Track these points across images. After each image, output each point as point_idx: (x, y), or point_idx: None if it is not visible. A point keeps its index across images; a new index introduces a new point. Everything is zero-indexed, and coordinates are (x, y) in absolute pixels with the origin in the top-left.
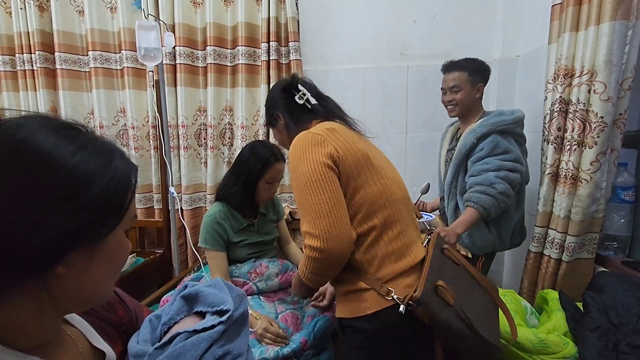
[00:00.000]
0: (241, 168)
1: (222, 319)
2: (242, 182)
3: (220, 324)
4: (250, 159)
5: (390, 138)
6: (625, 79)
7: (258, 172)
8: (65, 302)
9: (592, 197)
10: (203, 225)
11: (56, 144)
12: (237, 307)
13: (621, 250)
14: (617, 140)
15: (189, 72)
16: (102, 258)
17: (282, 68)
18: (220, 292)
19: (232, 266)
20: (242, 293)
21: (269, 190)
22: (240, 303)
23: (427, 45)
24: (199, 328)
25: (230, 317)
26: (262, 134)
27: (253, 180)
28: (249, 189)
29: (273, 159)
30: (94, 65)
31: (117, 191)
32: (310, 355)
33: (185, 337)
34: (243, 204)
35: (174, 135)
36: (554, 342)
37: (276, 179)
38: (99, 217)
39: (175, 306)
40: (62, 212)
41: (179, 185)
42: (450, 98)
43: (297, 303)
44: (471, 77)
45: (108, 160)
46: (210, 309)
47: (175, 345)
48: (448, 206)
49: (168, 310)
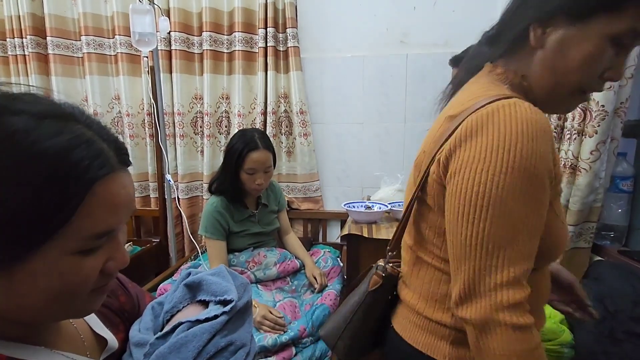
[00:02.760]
0: (225, 160)
1: (226, 309)
2: (228, 175)
3: (224, 314)
4: (230, 151)
5: (388, 128)
6: (628, 66)
7: (235, 163)
8: (7, 312)
9: (591, 187)
10: (204, 214)
11: None
12: (241, 296)
13: (617, 240)
14: (618, 130)
15: (184, 59)
16: (27, 282)
17: (280, 55)
18: (224, 281)
19: (231, 255)
20: (246, 282)
21: (254, 181)
22: (244, 292)
23: (427, 33)
24: (201, 318)
25: (234, 307)
26: (259, 123)
27: (233, 172)
28: (235, 181)
29: (247, 149)
30: (87, 50)
31: (39, 195)
32: (308, 342)
33: (188, 326)
34: (235, 196)
35: (169, 123)
36: (550, 330)
37: (256, 169)
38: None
39: (178, 294)
40: None
41: (175, 174)
42: None
43: (295, 292)
44: None
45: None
46: (214, 298)
47: (177, 335)
48: None
49: (171, 298)
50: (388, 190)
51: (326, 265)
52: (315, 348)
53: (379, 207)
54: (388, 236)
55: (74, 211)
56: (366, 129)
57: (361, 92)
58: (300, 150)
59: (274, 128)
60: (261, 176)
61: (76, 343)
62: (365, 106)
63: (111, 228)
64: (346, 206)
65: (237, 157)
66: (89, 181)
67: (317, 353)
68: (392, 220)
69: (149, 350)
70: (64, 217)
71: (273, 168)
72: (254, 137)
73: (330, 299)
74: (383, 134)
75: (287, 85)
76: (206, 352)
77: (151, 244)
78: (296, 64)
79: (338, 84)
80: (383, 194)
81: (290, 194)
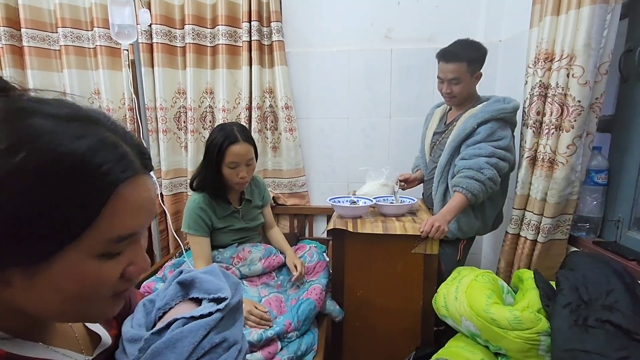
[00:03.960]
0: (205, 156)
1: (220, 307)
2: (209, 170)
3: (218, 312)
4: (210, 146)
5: (374, 123)
6: (603, 63)
7: (215, 158)
8: (26, 309)
9: (568, 180)
10: (186, 210)
11: None
12: (234, 294)
13: (593, 231)
14: (593, 124)
15: (166, 52)
16: (47, 283)
17: (265, 49)
18: (217, 279)
19: (215, 251)
20: (237, 281)
21: (237, 175)
22: (235, 291)
23: (411, 28)
24: (196, 315)
25: (228, 305)
26: (244, 118)
27: (215, 167)
28: (217, 176)
29: (227, 143)
30: (65, 43)
31: (64, 195)
32: (293, 337)
33: (183, 323)
34: (218, 192)
35: (152, 118)
36: (528, 319)
37: (238, 162)
38: (17, 233)
39: (170, 291)
40: None
41: (158, 170)
42: (449, 90)
43: (280, 287)
44: (470, 67)
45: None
46: (207, 295)
47: (172, 331)
48: (437, 190)
49: (163, 295)
50: (373, 185)
51: (312, 259)
52: (301, 342)
53: (364, 201)
54: (373, 231)
55: (97, 213)
56: (352, 124)
57: (346, 87)
58: (286, 145)
59: (259, 123)
60: (243, 169)
61: (70, 339)
62: (350, 101)
63: (133, 231)
64: (331, 201)
65: (217, 151)
66: (112, 183)
67: (303, 347)
68: (377, 214)
69: (144, 345)
70: (88, 218)
71: (255, 161)
72: (233, 131)
73: (316, 294)
74: (368, 129)
75: (272, 80)
76: (201, 348)
77: None
78: (281, 58)
79: (323, 79)
80: (368, 188)
81: (276, 189)
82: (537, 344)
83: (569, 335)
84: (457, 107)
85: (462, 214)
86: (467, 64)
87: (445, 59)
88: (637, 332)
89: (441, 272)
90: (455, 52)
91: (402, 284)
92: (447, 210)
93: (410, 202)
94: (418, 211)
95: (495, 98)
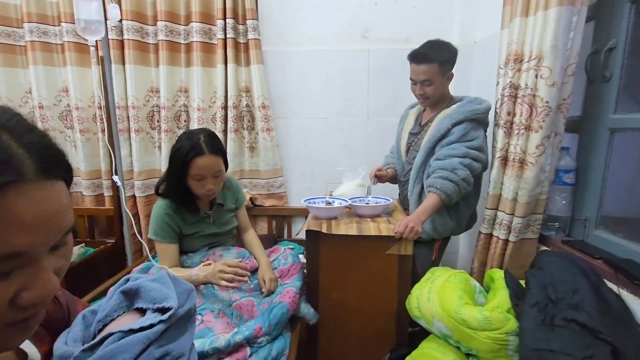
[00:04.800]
0: (169, 165)
1: (163, 318)
2: (173, 180)
3: (161, 323)
4: (174, 156)
5: (352, 123)
6: (570, 64)
7: (179, 170)
8: None
9: (537, 180)
10: (153, 217)
11: None
12: (183, 303)
13: (562, 230)
14: (561, 125)
15: (138, 49)
16: None
17: (240, 47)
18: (164, 287)
19: (184, 256)
20: (189, 288)
21: (203, 187)
22: (187, 299)
23: (388, 28)
24: (135, 327)
25: (174, 315)
26: (219, 117)
27: (179, 177)
28: (182, 186)
29: (192, 155)
30: (30, 38)
31: None
32: (264, 342)
33: (119, 337)
34: (184, 200)
35: (123, 117)
36: (497, 319)
37: (204, 175)
38: None
39: (113, 301)
40: None
41: (130, 171)
42: (422, 91)
43: (254, 290)
44: (442, 67)
45: None
46: (152, 305)
47: (106, 347)
48: (412, 190)
49: (105, 306)
50: (349, 186)
51: (286, 262)
52: (272, 347)
53: (340, 202)
54: (347, 232)
55: None
56: (329, 124)
57: (324, 87)
58: (263, 145)
59: (236, 123)
60: (210, 181)
61: None
62: (328, 101)
63: (18, 250)
64: (306, 202)
65: (181, 163)
66: None
67: (274, 352)
68: (352, 215)
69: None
70: None
71: (225, 171)
72: (199, 141)
73: (290, 297)
74: (346, 129)
75: (248, 79)
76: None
77: (106, 244)
78: (257, 57)
79: (301, 78)
80: (345, 189)
81: (254, 190)
82: (506, 344)
83: (536, 335)
84: (431, 107)
85: (437, 214)
86: (438, 65)
87: (416, 60)
88: (601, 331)
89: (417, 273)
90: (425, 53)
91: (376, 286)
92: (422, 210)
93: (386, 203)
94: (394, 212)
95: (468, 99)
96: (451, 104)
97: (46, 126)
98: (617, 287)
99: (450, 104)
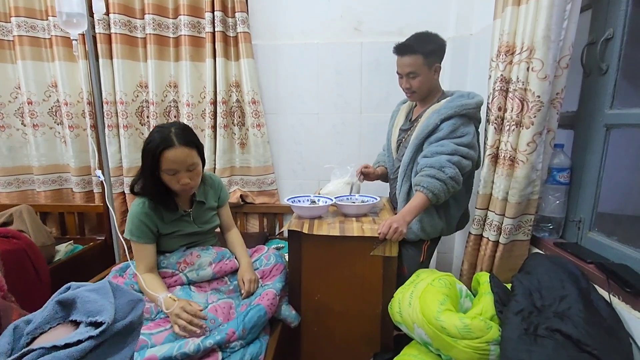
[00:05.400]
0: (142, 160)
1: (93, 334)
2: (147, 176)
3: (90, 339)
4: (144, 150)
5: (344, 118)
6: (563, 56)
7: (150, 165)
8: None
9: (528, 179)
10: (129, 216)
11: None
12: (125, 316)
13: (555, 231)
14: (554, 121)
15: (126, 43)
16: None
17: (230, 41)
18: (102, 298)
19: (161, 256)
20: (137, 298)
21: (177, 181)
22: (130, 311)
23: (382, 20)
24: (60, 344)
25: (108, 330)
26: (209, 113)
27: (152, 172)
28: (157, 183)
29: (160, 148)
30: (18, 33)
31: None
32: (237, 347)
33: (39, 354)
34: (162, 198)
35: (112, 113)
36: (478, 327)
37: (176, 169)
38: None
39: (46, 312)
40: None
41: (119, 167)
42: (407, 85)
43: (233, 292)
44: (427, 59)
45: None
46: (86, 318)
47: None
48: (401, 189)
49: (38, 317)
50: (337, 183)
51: (268, 262)
52: (245, 352)
53: (325, 201)
54: (329, 232)
55: None
56: (321, 120)
57: (316, 82)
58: (254, 141)
59: (225, 118)
60: (184, 175)
61: None
62: (320, 96)
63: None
64: (290, 200)
65: (151, 156)
66: None
67: (247, 357)
68: (338, 214)
69: None
70: None
71: (201, 165)
72: (169, 134)
73: (268, 299)
74: (339, 125)
75: (238, 74)
76: None
77: (95, 242)
78: (247, 50)
79: (292, 73)
80: (332, 187)
81: (245, 187)
82: (486, 353)
83: (517, 346)
84: (421, 102)
85: (425, 214)
86: (423, 57)
87: (400, 52)
88: (586, 342)
89: (404, 275)
90: (409, 45)
91: (361, 288)
92: (407, 210)
93: (372, 202)
94: (381, 211)
95: (459, 93)
96: (442, 99)
97: (35, 122)
98: (609, 294)
99: (441, 99)
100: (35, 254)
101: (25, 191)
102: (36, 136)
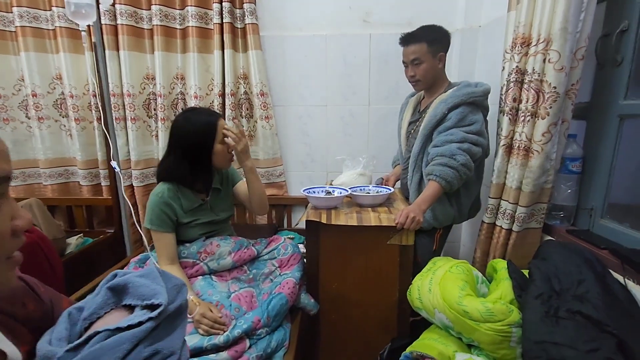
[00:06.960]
0: (183, 142)
1: (152, 315)
2: (190, 157)
3: (150, 320)
4: (191, 131)
5: (353, 110)
6: (579, 48)
7: (207, 138)
8: None
9: (542, 168)
10: (149, 205)
11: None
12: (174, 299)
13: (567, 219)
14: (568, 111)
15: (132, 35)
16: None
17: (237, 33)
18: (154, 282)
19: (181, 246)
20: (180, 283)
21: (227, 150)
22: (177, 294)
23: (390, 12)
24: (123, 325)
25: (163, 312)
26: (217, 105)
27: (207, 148)
28: (203, 160)
29: (214, 118)
30: (21, 23)
31: None
32: (263, 334)
33: (106, 336)
34: (197, 178)
35: (119, 105)
36: (500, 311)
37: (226, 134)
38: None
39: (99, 298)
40: None
41: (127, 160)
42: (412, 73)
43: (253, 281)
44: (431, 47)
45: None
46: (140, 302)
47: (91, 346)
48: (412, 179)
49: (91, 303)
50: (350, 175)
51: (285, 252)
52: (271, 339)
53: (340, 192)
54: (347, 222)
55: None
56: (330, 112)
57: (324, 73)
58: (262, 133)
59: (233, 111)
60: (228, 147)
61: None
62: (328, 88)
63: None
64: (305, 191)
65: (208, 130)
66: None
67: (273, 344)
68: (353, 205)
69: None
70: None
71: None
72: (208, 110)
73: (289, 288)
74: (347, 117)
75: (246, 65)
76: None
77: (105, 234)
78: (255, 42)
79: (300, 65)
80: (345, 178)
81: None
82: (508, 335)
83: (540, 327)
84: (428, 93)
85: (437, 202)
86: (426, 44)
87: (405, 42)
88: (607, 323)
89: (417, 263)
90: (413, 34)
91: (377, 276)
92: (422, 199)
93: (387, 192)
94: (395, 201)
95: (465, 82)
96: (448, 89)
97: (40, 115)
98: (624, 278)
99: (448, 89)
100: (48, 247)
101: (32, 185)
102: (41, 129)
